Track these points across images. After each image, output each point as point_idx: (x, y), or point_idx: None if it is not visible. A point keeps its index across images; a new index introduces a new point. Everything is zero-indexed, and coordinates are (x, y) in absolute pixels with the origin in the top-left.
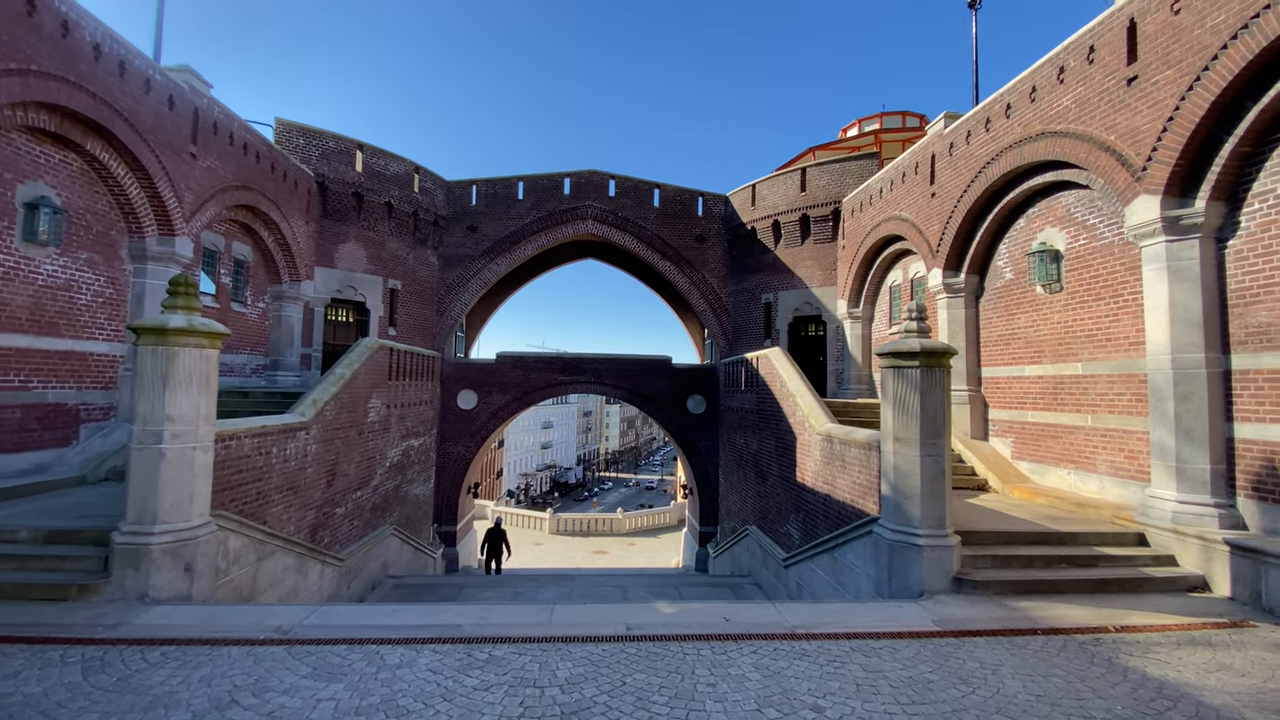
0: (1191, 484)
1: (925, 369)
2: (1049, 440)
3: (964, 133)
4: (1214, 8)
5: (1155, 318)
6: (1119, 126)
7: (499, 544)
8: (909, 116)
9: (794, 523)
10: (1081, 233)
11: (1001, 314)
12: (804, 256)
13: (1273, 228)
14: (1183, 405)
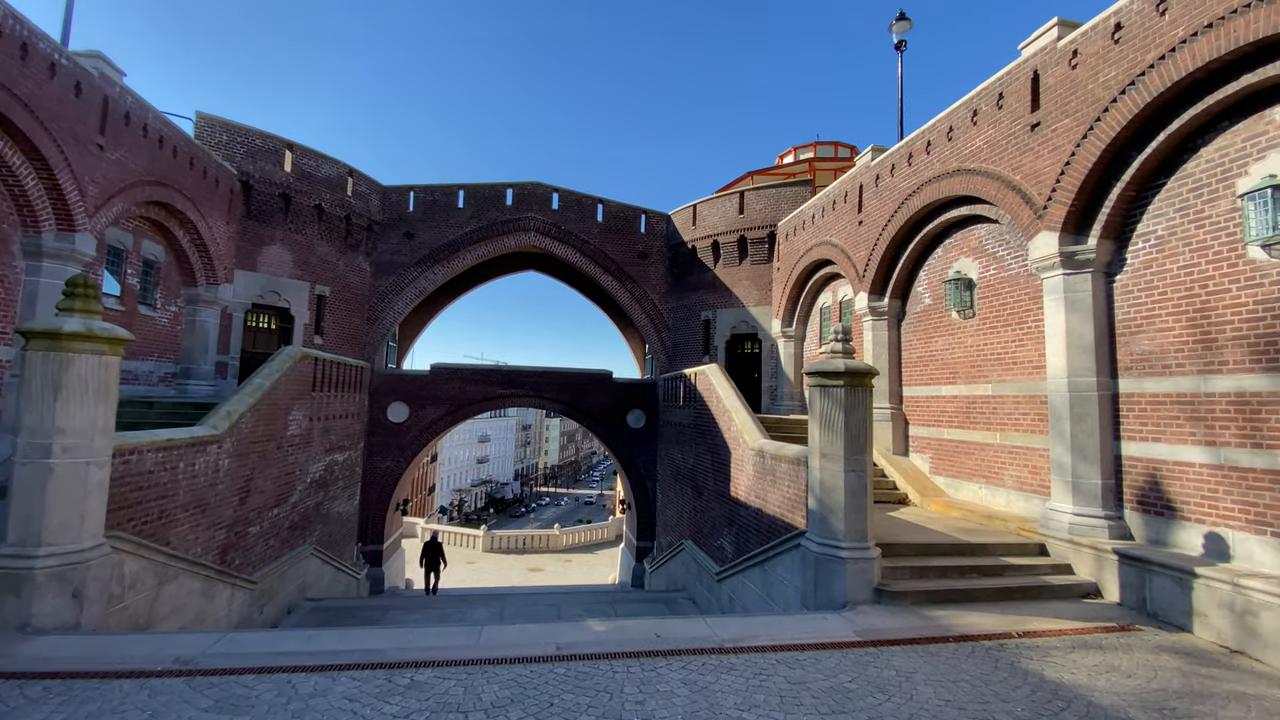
0: (1085, 498)
1: (849, 388)
2: (963, 456)
3: (889, 166)
4: (1106, 65)
5: (1054, 344)
6: (1024, 168)
7: (436, 557)
8: (840, 147)
9: (727, 537)
10: (992, 263)
11: (921, 337)
12: (741, 276)
13: (1154, 265)
14: (1077, 425)
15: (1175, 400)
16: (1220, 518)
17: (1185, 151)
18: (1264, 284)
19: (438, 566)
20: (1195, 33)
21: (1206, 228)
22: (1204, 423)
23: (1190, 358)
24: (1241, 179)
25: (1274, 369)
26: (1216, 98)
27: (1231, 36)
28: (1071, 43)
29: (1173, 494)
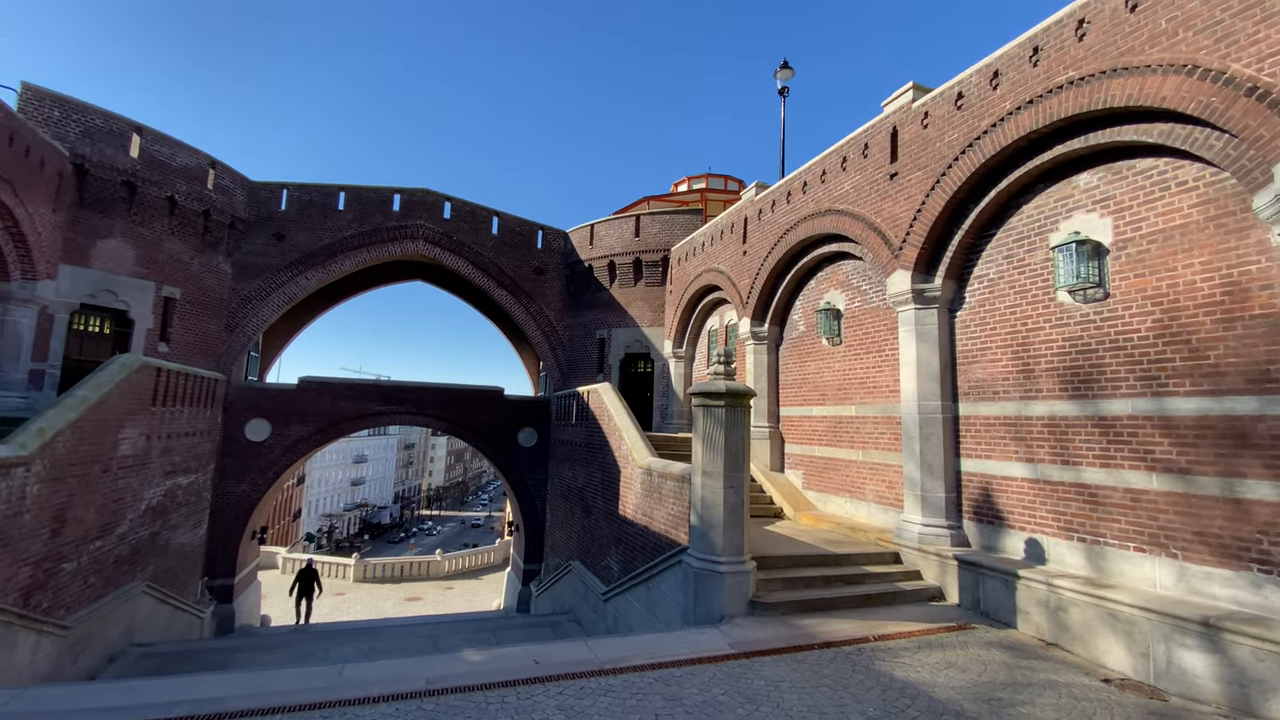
0: (932, 509)
1: (730, 408)
2: (831, 472)
3: (770, 202)
4: (950, 127)
5: (906, 370)
6: (884, 212)
7: (311, 584)
8: (730, 180)
9: (615, 556)
10: (857, 296)
11: (796, 361)
12: (636, 297)
13: (986, 303)
14: (925, 444)
15: (1002, 422)
16: (1038, 525)
17: (1011, 207)
18: (1069, 324)
19: (311, 594)
20: (1020, 107)
21: (1027, 274)
22: (1024, 442)
23: (1014, 385)
24: (1054, 233)
25: (1078, 397)
26: (1036, 163)
27: (1047, 112)
28: (924, 105)
29: (1001, 505)
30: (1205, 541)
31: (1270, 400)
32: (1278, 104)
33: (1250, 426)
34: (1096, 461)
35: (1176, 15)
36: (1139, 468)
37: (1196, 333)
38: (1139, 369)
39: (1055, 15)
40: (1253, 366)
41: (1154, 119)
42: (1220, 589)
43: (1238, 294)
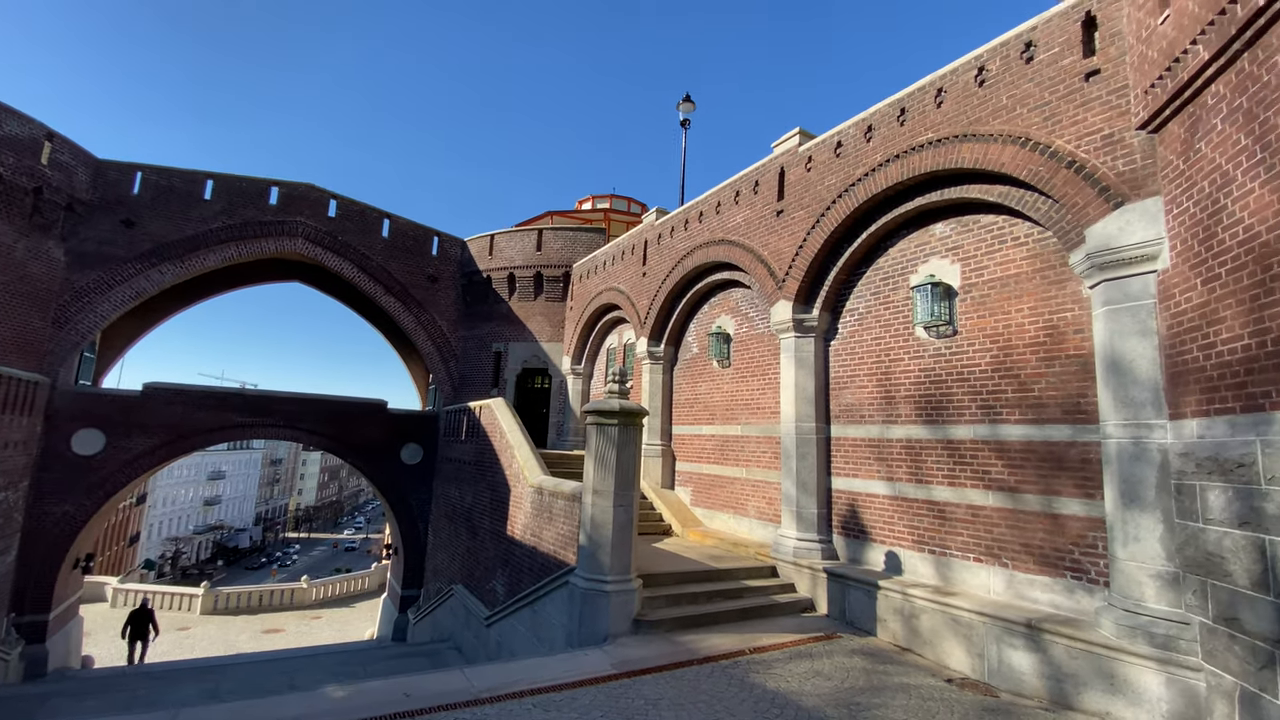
0: (806, 525)
1: (623, 427)
2: (717, 489)
3: (669, 227)
4: (830, 173)
5: (786, 394)
6: (770, 246)
7: (145, 625)
8: (633, 203)
9: (501, 578)
10: (745, 322)
11: (689, 381)
12: (536, 311)
13: (856, 335)
14: (801, 463)
15: (868, 444)
16: (896, 539)
17: (880, 249)
18: (924, 356)
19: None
20: (888, 160)
21: (890, 309)
22: (886, 462)
23: (878, 410)
24: (913, 275)
25: (930, 422)
26: (900, 211)
27: (910, 167)
28: (808, 149)
29: (865, 520)
30: (1030, 552)
31: (1080, 429)
32: (1090, 176)
33: (1065, 451)
34: (945, 480)
35: (1015, 94)
36: (978, 486)
37: (1024, 369)
38: (979, 399)
39: (919, 82)
40: (1067, 399)
41: (996, 181)
42: (1041, 594)
43: (1056, 336)
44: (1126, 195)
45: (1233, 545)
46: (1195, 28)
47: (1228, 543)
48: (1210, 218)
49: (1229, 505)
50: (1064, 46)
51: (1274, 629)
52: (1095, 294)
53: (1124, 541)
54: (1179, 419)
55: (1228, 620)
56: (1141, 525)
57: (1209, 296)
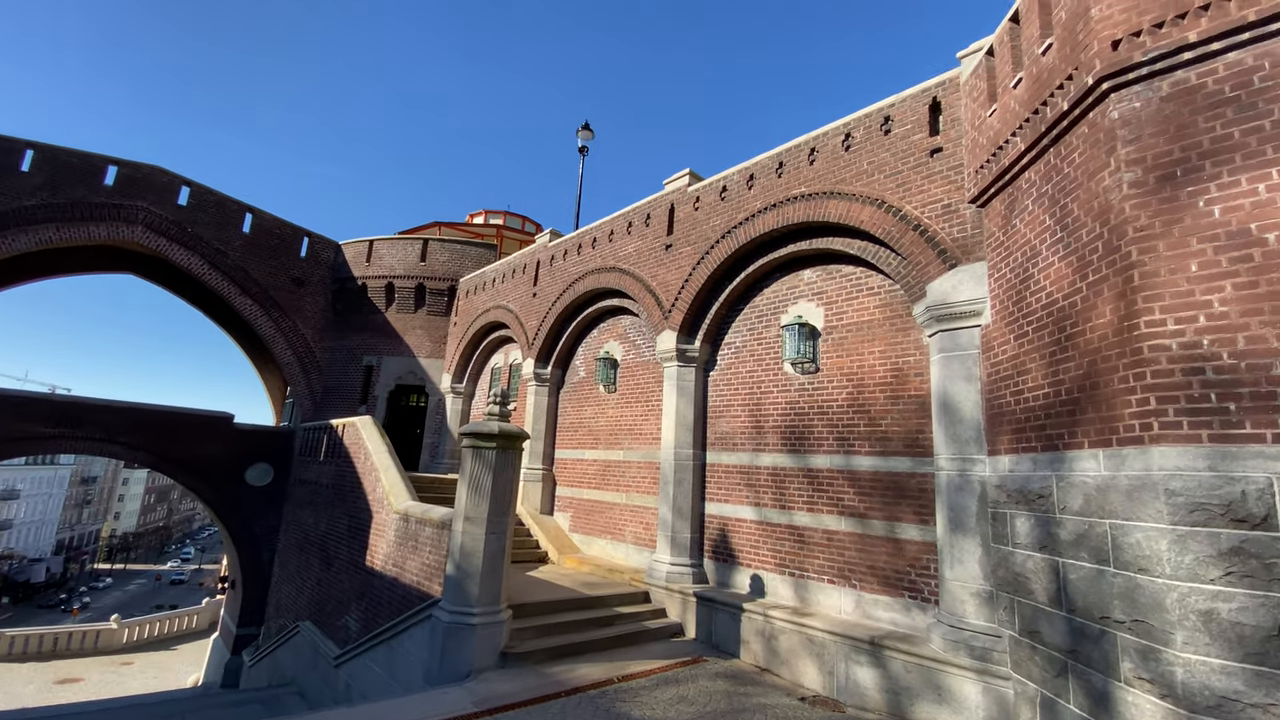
0: (679, 549)
1: (501, 450)
2: (597, 515)
3: (563, 250)
4: (715, 214)
5: (667, 420)
6: (659, 277)
7: None
8: (528, 222)
9: (356, 613)
10: (632, 349)
11: (575, 404)
12: (416, 325)
13: (732, 367)
14: (678, 488)
15: (739, 470)
16: (760, 562)
17: (756, 289)
18: (791, 390)
19: None
20: (767, 207)
21: (764, 345)
22: (754, 489)
23: (749, 439)
24: (784, 315)
25: (793, 451)
26: (775, 255)
27: (784, 216)
28: (696, 190)
29: (734, 544)
30: (875, 574)
31: (919, 461)
32: (932, 240)
33: (906, 481)
34: (805, 506)
35: (875, 160)
36: (833, 512)
37: (874, 405)
38: (836, 431)
39: (796, 140)
40: (908, 434)
41: (857, 236)
42: (884, 613)
43: (901, 378)
44: (959, 258)
45: (1034, 567)
46: (1015, 123)
47: (1030, 564)
48: (1021, 283)
49: (1032, 531)
50: (915, 124)
51: (1066, 641)
52: (933, 342)
53: (951, 563)
54: (995, 455)
55: (1030, 633)
56: (965, 549)
57: (1019, 350)
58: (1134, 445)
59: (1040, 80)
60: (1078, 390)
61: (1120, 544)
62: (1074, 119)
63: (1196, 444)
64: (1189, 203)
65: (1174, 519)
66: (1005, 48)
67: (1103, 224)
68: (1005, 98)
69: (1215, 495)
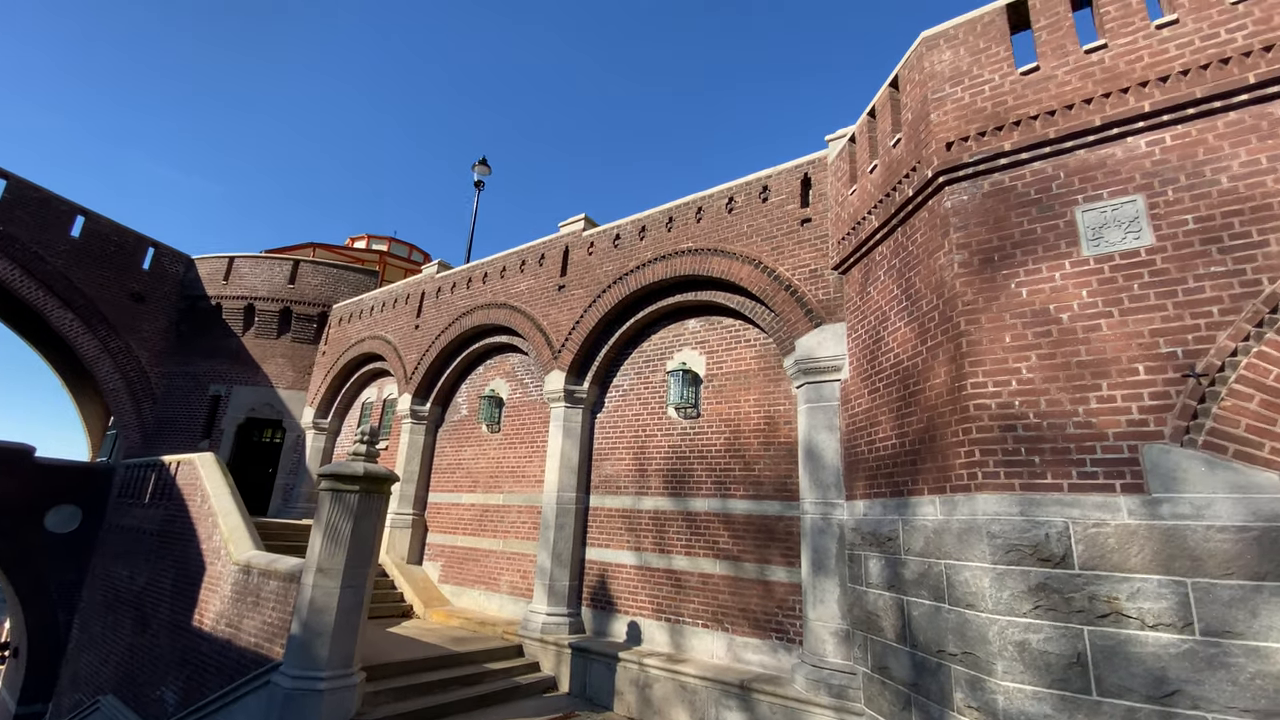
0: (557, 598)
1: (365, 494)
2: (470, 563)
3: (451, 283)
4: (608, 259)
5: (552, 462)
6: (550, 317)
7: None
8: (415, 250)
9: (175, 683)
10: (519, 388)
11: (454, 445)
12: (277, 352)
13: (620, 409)
14: (559, 533)
15: (621, 514)
16: (638, 608)
17: (645, 334)
18: (674, 434)
19: None
20: (657, 258)
21: (650, 389)
22: (636, 533)
23: (632, 482)
24: (670, 361)
25: (675, 494)
26: (662, 304)
27: (672, 268)
28: (591, 235)
29: (613, 590)
30: (746, 616)
31: (788, 505)
32: (801, 300)
33: (775, 524)
34: (683, 550)
35: (754, 224)
36: (709, 555)
37: (749, 450)
38: (714, 475)
39: (685, 199)
40: (779, 479)
41: (736, 291)
42: (753, 655)
43: (773, 425)
44: (823, 318)
45: (884, 605)
46: (871, 203)
47: (881, 603)
48: (875, 344)
49: (882, 571)
50: (789, 195)
51: (909, 675)
52: (800, 393)
53: (813, 604)
54: (853, 499)
55: (881, 669)
56: (826, 589)
57: (872, 404)
58: (963, 492)
59: (891, 169)
60: (919, 442)
61: (953, 582)
62: (917, 204)
63: (1011, 492)
64: (1004, 284)
65: (994, 559)
66: (864, 137)
67: (939, 296)
68: (864, 180)
69: (1026, 537)
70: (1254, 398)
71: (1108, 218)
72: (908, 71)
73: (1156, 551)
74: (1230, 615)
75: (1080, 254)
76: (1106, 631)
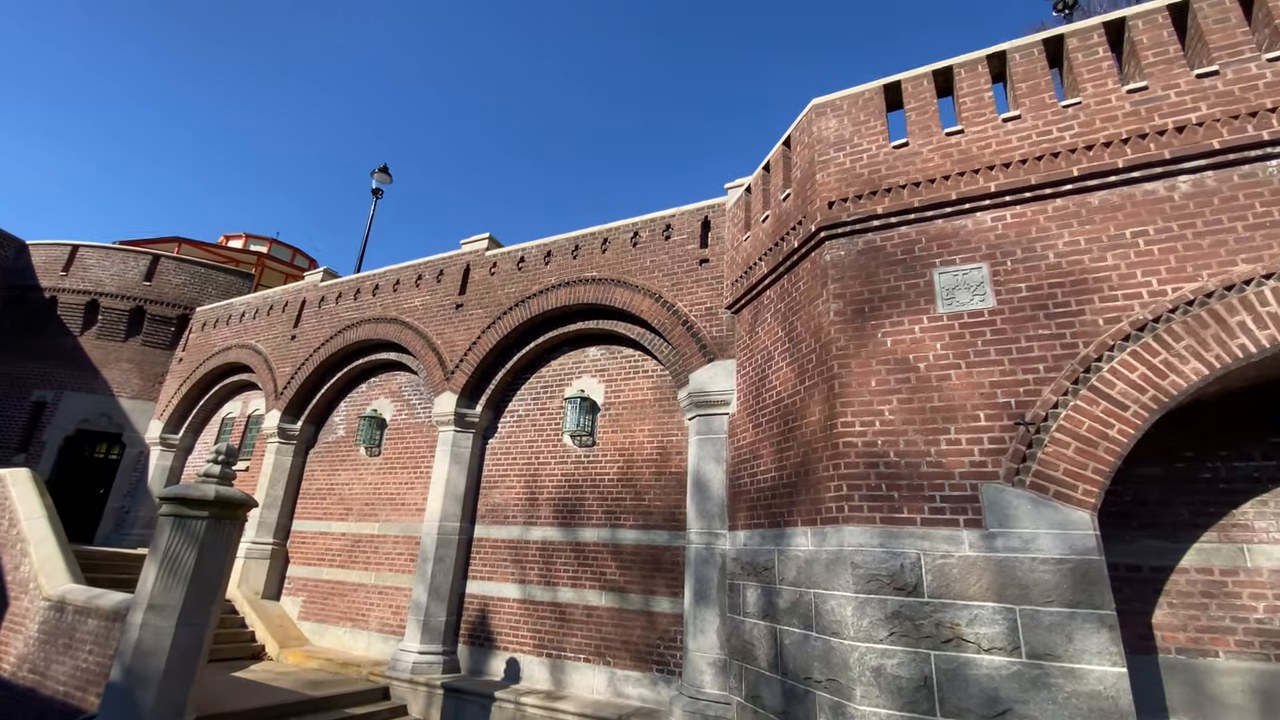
0: (432, 635)
1: (215, 520)
2: (336, 598)
3: (337, 293)
4: (511, 282)
5: (436, 489)
6: (445, 336)
7: None
8: (300, 254)
9: None
10: (405, 409)
11: (328, 468)
12: (123, 356)
13: (513, 435)
14: (439, 565)
15: (508, 545)
16: (519, 644)
17: (544, 359)
18: (568, 462)
19: None
20: (561, 284)
21: (546, 415)
22: (522, 565)
23: (521, 511)
24: (568, 387)
25: (565, 524)
26: (564, 330)
27: (576, 295)
28: (494, 255)
29: (493, 626)
30: (628, 649)
31: (675, 535)
32: (697, 335)
33: (662, 554)
34: (569, 582)
35: (656, 260)
36: (596, 587)
37: (641, 480)
38: (606, 505)
39: (593, 228)
40: (668, 509)
41: (637, 323)
42: (634, 689)
43: (665, 455)
44: (716, 354)
45: (759, 634)
46: (762, 250)
47: (756, 632)
48: (760, 381)
49: (759, 601)
50: (689, 235)
51: (779, 703)
52: (692, 425)
53: (694, 634)
54: (734, 530)
55: (754, 698)
56: (706, 619)
57: (756, 438)
58: (832, 524)
59: (781, 220)
60: (796, 475)
61: (820, 610)
62: (802, 255)
63: (872, 524)
64: (872, 333)
65: (857, 588)
66: (759, 189)
67: (817, 340)
68: (756, 228)
69: (884, 567)
70: (1070, 445)
71: (959, 281)
72: (799, 134)
73: (992, 581)
74: (1051, 639)
75: (936, 311)
76: (950, 655)
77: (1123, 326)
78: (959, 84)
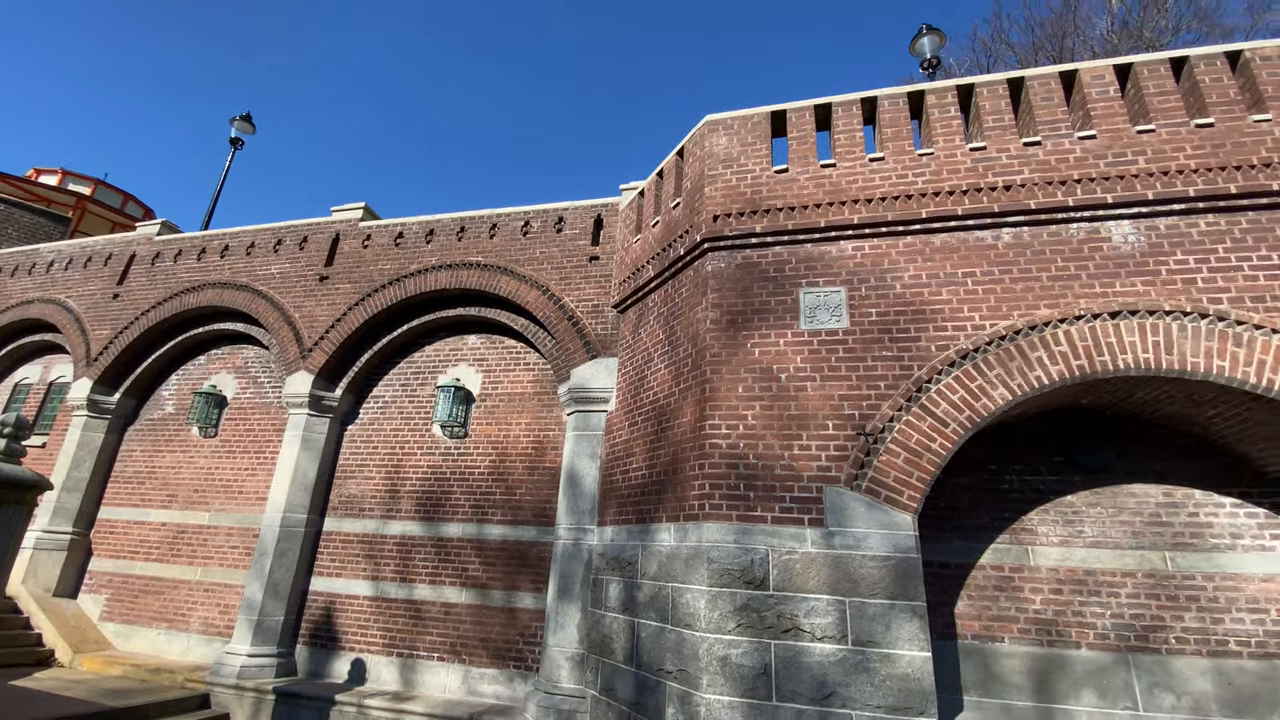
0: (265, 636)
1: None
2: (150, 596)
3: (176, 249)
4: (386, 257)
5: (281, 478)
6: (305, 309)
7: None
8: (132, 201)
9: None
10: (251, 386)
11: (149, 448)
12: None
13: (376, 423)
14: (279, 560)
15: (361, 539)
16: (367, 644)
17: (418, 344)
18: (436, 454)
19: None
20: (442, 266)
21: (415, 404)
22: (376, 560)
23: (380, 504)
24: (443, 375)
25: (427, 519)
26: (442, 314)
27: (458, 279)
28: (369, 227)
29: (339, 625)
30: (486, 647)
31: (544, 530)
32: (581, 331)
33: (529, 550)
34: (428, 579)
35: (546, 252)
36: (456, 584)
37: (513, 474)
38: (474, 499)
39: (481, 211)
40: (538, 504)
41: (521, 314)
42: (489, 686)
43: (540, 450)
44: (599, 351)
45: (618, 628)
46: (650, 254)
47: (615, 625)
48: (639, 381)
49: (620, 595)
50: (582, 231)
51: (632, 694)
52: (570, 420)
53: (554, 629)
54: (603, 525)
55: (608, 691)
56: (568, 614)
57: (631, 436)
58: (693, 521)
59: (670, 227)
60: (665, 474)
61: (677, 603)
62: (686, 262)
63: (729, 521)
64: (743, 342)
65: (711, 582)
66: (651, 194)
67: (694, 345)
68: (646, 232)
69: (737, 562)
70: (901, 455)
71: (820, 301)
72: (692, 146)
73: (828, 575)
74: (873, 628)
75: (799, 327)
76: (788, 644)
77: (949, 354)
78: (836, 120)
